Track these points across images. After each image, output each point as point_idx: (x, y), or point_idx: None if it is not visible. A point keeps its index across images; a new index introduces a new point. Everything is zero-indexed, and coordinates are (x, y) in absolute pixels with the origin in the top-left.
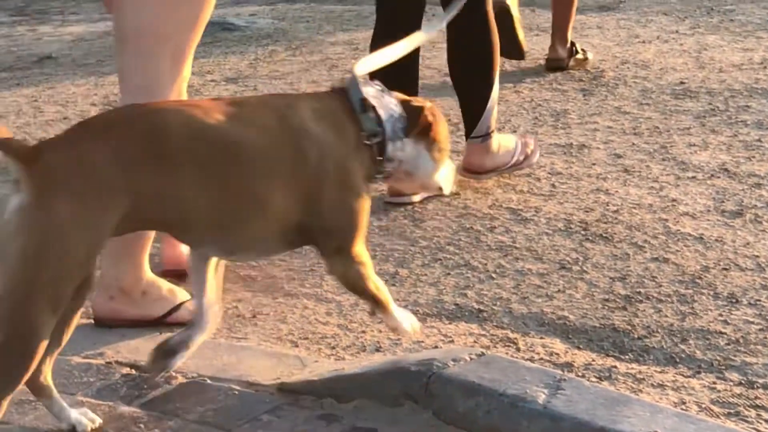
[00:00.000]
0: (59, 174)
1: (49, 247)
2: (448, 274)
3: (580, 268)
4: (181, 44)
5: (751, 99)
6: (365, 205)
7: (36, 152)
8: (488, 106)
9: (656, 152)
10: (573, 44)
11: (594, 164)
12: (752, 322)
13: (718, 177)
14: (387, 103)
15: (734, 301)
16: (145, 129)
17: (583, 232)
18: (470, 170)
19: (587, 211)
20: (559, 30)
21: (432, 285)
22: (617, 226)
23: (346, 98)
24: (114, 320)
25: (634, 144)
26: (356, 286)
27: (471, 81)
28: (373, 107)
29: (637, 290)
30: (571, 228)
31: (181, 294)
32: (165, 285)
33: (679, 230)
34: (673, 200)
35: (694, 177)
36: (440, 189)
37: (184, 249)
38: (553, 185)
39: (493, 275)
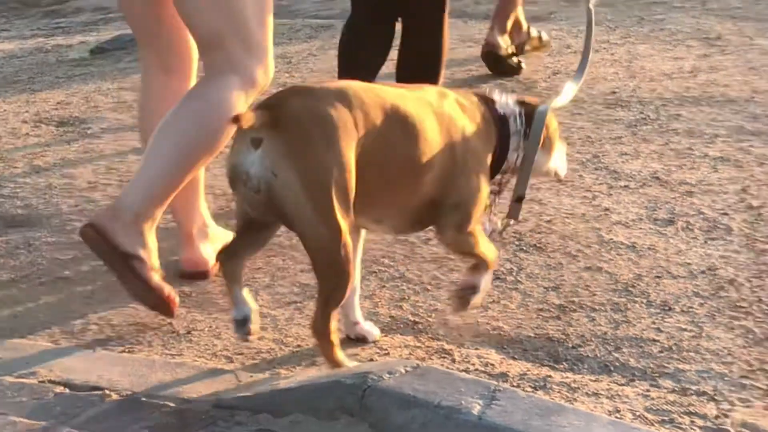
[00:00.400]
0: (303, 129)
1: (328, 181)
2: (384, 286)
3: (514, 279)
4: (247, 29)
5: (682, 107)
6: (486, 192)
7: (274, 116)
8: None
9: (589, 162)
10: (529, 29)
11: None
12: (685, 329)
13: (650, 185)
14: (511, 104)
15: (667, 308)
16: (363, 101)
17: (517, 243)
18: None
19: (521, 222)
20: (499, 17)
21: (367, 298)
22: (551, 236)
23: (484, 99)
24: (100, 238)
25: (566, 154)
26: (467, 253)
27: (419, 75)
28: (511, 113)
29: (571, 299)
30: (504, 239)
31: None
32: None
33: (612, 239)
34: (606, 209)
35: (626, 186)
36: (557, 175)
37: (203, 251)
38: None
39: (428, 287)
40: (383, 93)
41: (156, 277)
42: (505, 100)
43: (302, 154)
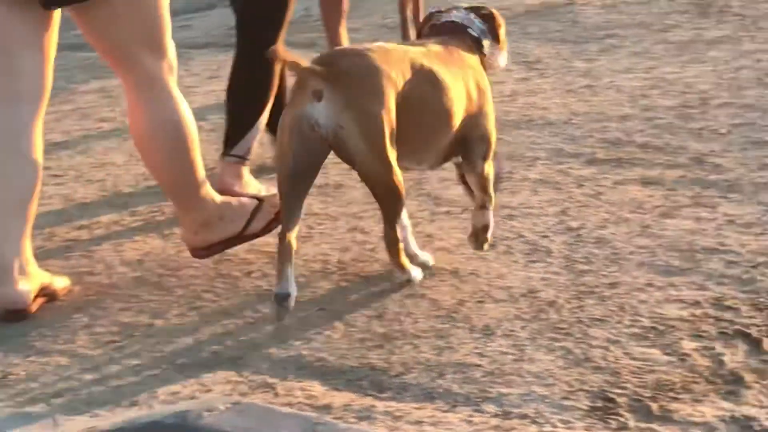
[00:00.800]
0: (357, 83)
1: (383, 126)
2: (206, 322)
3: (337, 309)
4: (153, 41)
5: (502, 131)
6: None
7: (333, 72)
8: (255, 127)
9: (411, 189)
10: None
11: (350, 203)
12: (507, 353)
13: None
14: (474, 19)
15: (489, 333)
16: (399, 58)
17: (340, 273)
18: (222, 190)
19: (344, 251)
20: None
21: (189, 334)
22: (374, 264)
23: (464, 27)
24: (206, 249)
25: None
26: (488, 184)
27: (248, 99)
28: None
29: (394, 327)
30: (328, 269)
31: (248, 205)
32: (234, 200)
33: (434, 265)
34: (429, 235)
35: (448, 211)
36: (504, 66)
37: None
38: (310, 227)
39: (251, 320)
40: (411, 52)
41: None
42: (468, 17)
43: (359, 106)
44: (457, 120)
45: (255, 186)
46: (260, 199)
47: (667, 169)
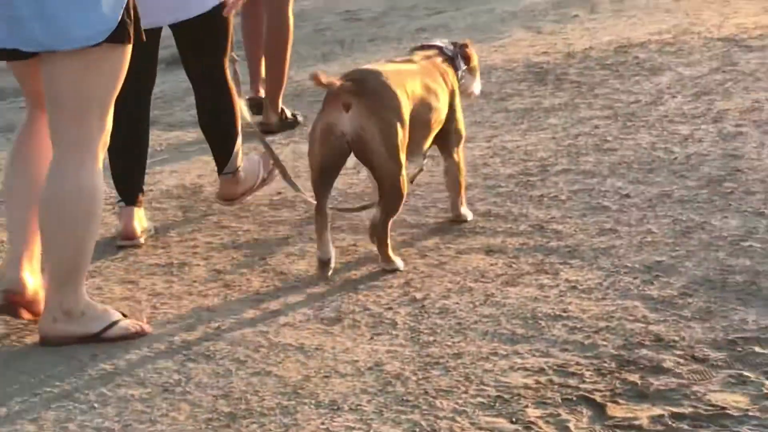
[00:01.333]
0: (378, 98)
1: (398, 133)
2: (49, 407)
3: (183, 389)
4: (106, 102)
5: (346, 203)
6: None
7: (358, 88)
8: (236, 147)
9: (256, 264)
10: (283, 110)
11: (195, 282)
12: (354, 428)
13: (317, 285)
14: (453, 48)
15: (336, 408)
16: (409, 76)
17: (185, 352)
18: (225, 199)
19: (189, 330)
20: (271, 98)
21: (32, 421)
22: (219, 342)
23: (442, 51)
24: (59, 339)
25: (233, 258)
26: (461, 169)
27: (222, 125)
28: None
29: (240, 406)
30: (173, 348)
31: (114, 313)
32: (99, 306)
33: (280, 341)
34: (274, 311)
35: (294, 286)
36: (477, 94)
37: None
38: (155, 307)
39: (96, 405)
40: (414, 71)
41: None
42: (447, 45)
43: (380, 117)
44: (443, 119)
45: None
46: (124, 315)
47: (509, 237)
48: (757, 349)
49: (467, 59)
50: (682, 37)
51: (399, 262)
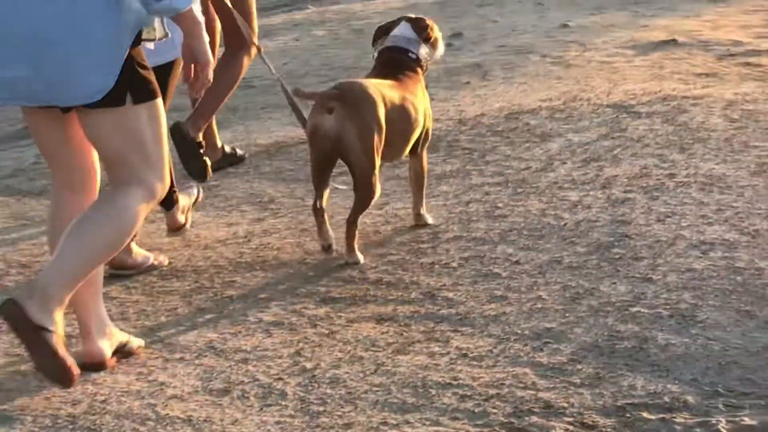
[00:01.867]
0: (362, 106)
1: (373, 135)
2: None
3: None
4: (146, 150)
5: (236, 273)
6: None
7: (341, 95)
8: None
9: (145, 335)
10: (223, 147)
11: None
12: None
13: (206, 356)
14: (412, 36)
15: None
16: (386, 88)
17: (70, 427)
18: (174, 229)
19: (75, 404)
20: (207, 139)
21: None
22: (105, 416)
23: (405, 52)
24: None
25: (121, 329)
26: (425, 169)
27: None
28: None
29: None
30: (57, 424)
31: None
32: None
33: (167, 414)
34: (162, 383)
35: (182, 358)
36: (442, 53)
37: (101, 345)
38: (40, 379)
39: None
40: (390, 85)
41: (61, 349)
42: (404, 38)
43: (358, 120)
44: (418, 127)
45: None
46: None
47: (400, 305)
48: (646, 414)
49: (428, 38)
50: (572, 103)
51: (360, 257)
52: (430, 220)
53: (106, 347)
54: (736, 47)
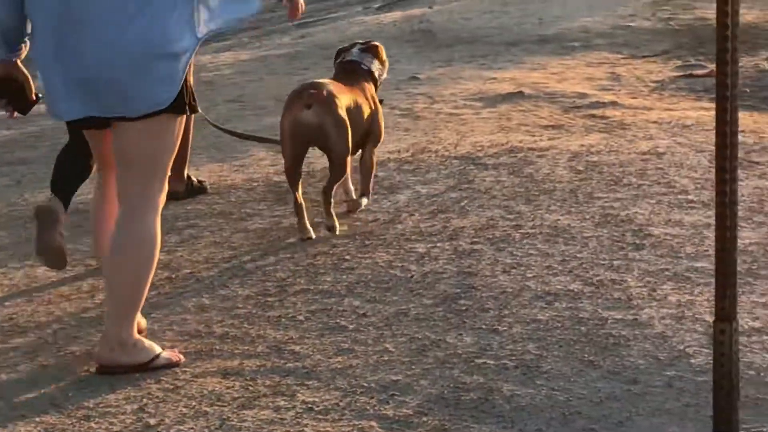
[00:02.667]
0: (334, 101)
1: (346, 124)
2: None
3: None
4: (166, 165)
5: (80, 329)
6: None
7: (316, 93)
8: None
9: None
10: (189, 177)
11: None
12: None
13: (48, 413)
14: (365, 53)
15: None
16: (346, 88)
17: None
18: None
19: None
20: (176, 168)
21: None
22: None
23: (359, 64)
24: (114, 367)
25: None
26: (373, 166)
27: None
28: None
29: None
30: None
31: (156, 347)
32: (146, 341)
33: None
34: None
35: (23, 416)
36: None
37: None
38: None
39: None
40: (349, 87)
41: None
42: (359, 54)
43: (332, 113)
44: (367, 122)
45: None
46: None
47: (246, 359)
48: None
49: (379, 58)
50: (420, 155)
51: (336, 223)
52: (363, 204)
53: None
54: (582, 99)
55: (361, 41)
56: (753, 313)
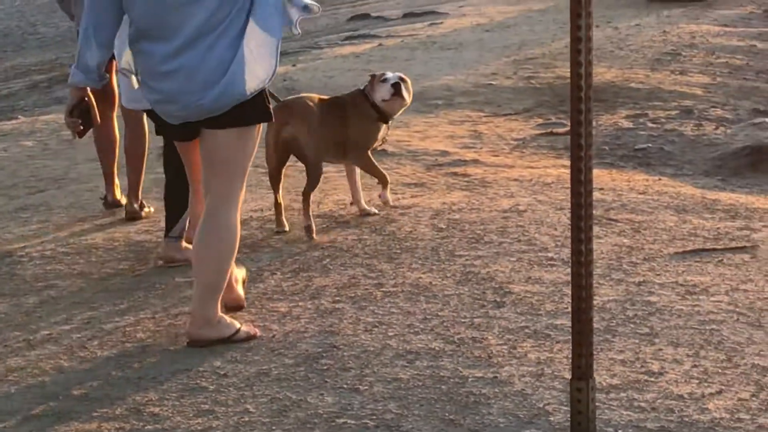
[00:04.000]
0: (299, 112)
1: (318, 137)
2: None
3: None
4: (246, 167)
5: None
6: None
7: (291, 108)
8: (184, 215)
9: None
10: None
11: None
12: None
13: None
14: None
15: None
16: (317, 105)
17: None
18: (167, 262)
19: None
20: (132, 188)
21: None
22: None
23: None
24: (203, 341)
25: None
26: (371, 166)
27: (180, 193)
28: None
29: None
30: None
31: (236, 323)
32: (227, 317)
33: None
34: None
35: None
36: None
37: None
38: None
39: None
40: (324, 99)
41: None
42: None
43: (306, 125)
44: (349, 135)
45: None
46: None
47: (105, 421)
48: None
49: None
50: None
51: (312, 224)
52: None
53: (242, 292)
54: (444, 157)
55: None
56: (611, 370)
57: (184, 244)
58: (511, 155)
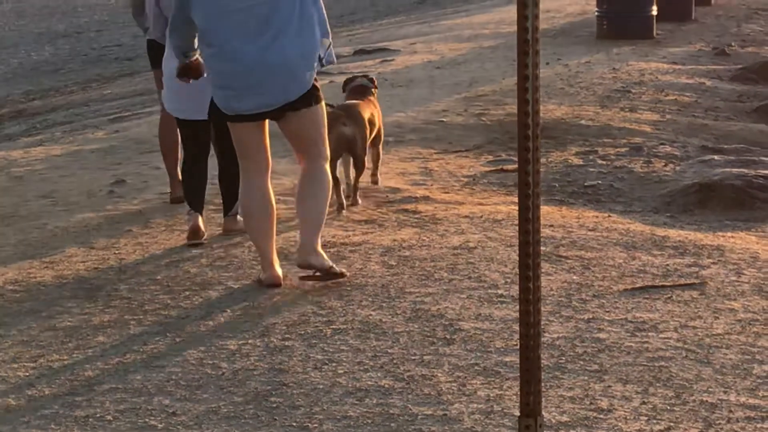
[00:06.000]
0: (356, 117)
1: (365, 135)
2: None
3: None
4: (323, 135)
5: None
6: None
7: (347, 111)
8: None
9: None
10: None
11: None
12: None
13: None
14: (365, 80)
15: None
16: (366, 106)
17: None
18: (227, 231)
19: None
20: (174, 178)
21: None
22: None
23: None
24: (312, 266)
25: None
26: (379, 157)
27: (233, 177)
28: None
29: None
30: None
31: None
32: (324, 253)
33: None
34: None
35: None
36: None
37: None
38: None
39: None
40: (367, 103)
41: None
42: (364, 81)
43: (358, 126)
44: (376, 127)
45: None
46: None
47: None
48: None
49: (373, 83)
50: (232, 250)
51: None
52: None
53: (281, 271)
54: (394, 194)
55: (361, 74)
56: (561, 407)
57: (239, 218)
58: (462, 192)
